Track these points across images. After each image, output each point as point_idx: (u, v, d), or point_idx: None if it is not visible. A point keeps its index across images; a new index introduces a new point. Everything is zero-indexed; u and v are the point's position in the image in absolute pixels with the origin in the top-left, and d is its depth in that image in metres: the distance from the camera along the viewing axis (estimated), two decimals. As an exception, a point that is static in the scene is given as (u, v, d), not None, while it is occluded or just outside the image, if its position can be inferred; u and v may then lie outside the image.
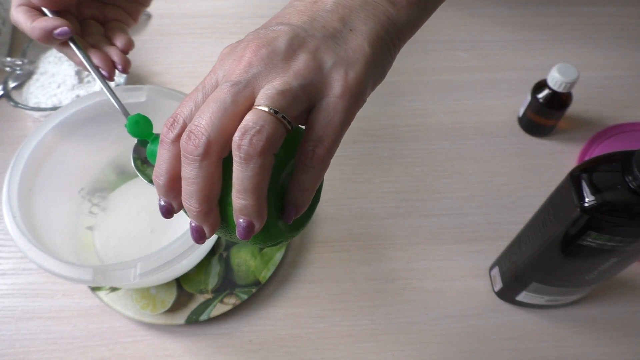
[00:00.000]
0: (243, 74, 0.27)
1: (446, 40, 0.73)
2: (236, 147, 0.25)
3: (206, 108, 0.26)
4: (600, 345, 0.50)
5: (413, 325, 0.51)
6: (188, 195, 0.27)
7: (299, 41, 0.28)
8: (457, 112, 0.66)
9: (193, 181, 0.26)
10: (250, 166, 0.25)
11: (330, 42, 0.28)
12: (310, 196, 0.28)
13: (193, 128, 0.26)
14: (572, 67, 0.56)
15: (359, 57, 0.29)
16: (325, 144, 0.27)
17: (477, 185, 0.60)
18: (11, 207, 0.44)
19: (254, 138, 0.25)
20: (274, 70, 0.27)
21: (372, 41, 0.29)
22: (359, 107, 0.29)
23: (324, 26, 0.29)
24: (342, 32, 0.29)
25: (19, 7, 0.39)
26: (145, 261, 0.41)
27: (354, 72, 0.28)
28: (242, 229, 0.27)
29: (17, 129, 0.64)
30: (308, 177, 0.27)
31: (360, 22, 0.30)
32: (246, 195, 0.26)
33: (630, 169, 0.34)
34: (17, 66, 0.64)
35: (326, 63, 0.28)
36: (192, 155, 0.26)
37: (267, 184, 0.26)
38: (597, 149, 0.62)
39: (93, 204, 0.56)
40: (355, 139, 0.63)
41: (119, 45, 0.42)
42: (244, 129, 0.25)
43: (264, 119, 0.25)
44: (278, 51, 0.27)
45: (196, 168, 0.26)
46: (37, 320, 0.51)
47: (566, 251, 0.40)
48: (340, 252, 0.55)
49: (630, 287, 0.53)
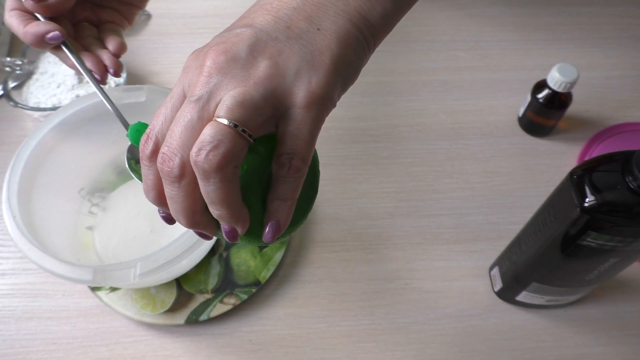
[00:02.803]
0: (205, 86, 0.26)
1: (446, 40, 0.73)
2: (193, 163, 0.25)
3: (175, 127, 0.26)
4: (600, 345, 0.50)
5: (413, 325, 0.51)
6: (175, 212, 0.27)
7: (260, 46, 0.27)
8: (457, 112, 0.66)
9: (176, 200, 0.27)
10: (211, 181, 0.25)
11: (294, 45, 0.27)
12: (292, 206, 0.28)
13: (165, 150, 0.26)
14: (572, 67, 0.56)
15: (325, 59, 0.27)
16: (300, 155, 0.27)
17: (477, 185, 0.60)
18: (11, 207, 0.44)
19: (210, 154, 0.24)
20: (234, 79, 0.26)
21: (341, 41, 0.28)
22: (327, 112, 0.28)
23: (289, 27, 0.27)
24: (309, 33, 0.27)
25: (12, 11, 0.38)
26: (145, 261, 0.41)
27: (318, 78, 0.27)
28: (226, 234, 0.28)
29: (16, 128, 0.64)
30: (288, 188, 0.27)
31: (329, 20, 0.28)
32: (217, 206, 0.26)
33: (630, 169, 0.34)
34: (16, 66, 0.64)
35: (289, 69, 0.26)
36: (169, 177, 0.26)
37: (237, 192, 0.26)
38: (597, 149, 0.62)
39: (93, 204, 0.56)
40: (355, 139, 0.63)
41: (111, 49, 0.42)
42: (200, 144, 0.25)
43: (222, 133, 0.24)
44: (238, 58, 0.26)
45: (176, 189, 0.26)
46: (37, 320, 0.51)
47: (566, 251, 0.40)
48: (340, 252, 0.55)
49: (630, 287, 0.53)
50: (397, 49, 0.72)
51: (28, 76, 0.65)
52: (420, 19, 0.76)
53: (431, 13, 0.77)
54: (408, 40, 0.73)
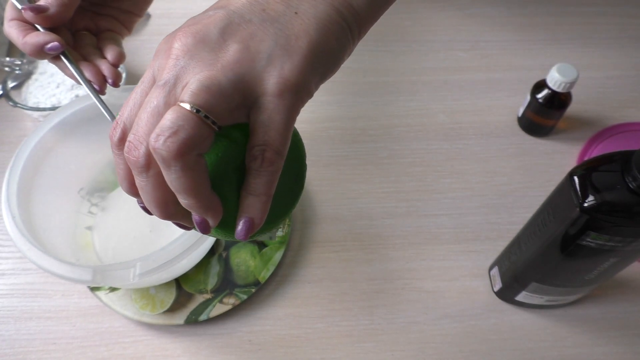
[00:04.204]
0: (172, 69, 0.25)
1: (446, 40, 0.73)
2: (152, 149, 0.23)
3: (142, 113, 0.25)
4: (600, 345, 0.50)
5: (413, 325, 0.51)
6: (147, 203, 0.26)
7: (232, 28, 0.25)
8: (457, 112, 0.66)
9: (146, 191, 0.25)
10: (172, 169, 0.24)
11: (269, 28, 0.25)
12: (267, 203, 0.26)
13: (131, 138, 0.25)
14: (571, 67, 0.56)
15: (302, 44, 0.25)
16: (273, 147, 0.25)
17: (477, 185, 0.60)
18: (10, 207, 0.44)
19: (169, 140, 0.23)
20: (202, 62, 0.24)
21: (320, 25, 0.26)
22: (303, 102, 0.26)
23: (264, 9, 0.26)
24: (285, 16, 0.25)
25: (11, 21, 0.38)
26: (144, 261, 0.41)
27: (292, 64, 0.25)
28: (197, 225, 0.26)
29: (16, 128, 0.64)
30: (260, 182, 0.26)
31: (308, 3, 0.26)
32: (182, 195, 0.24)
33: (629, 169, 0.34)
34: (16, 66, 0.64)
35: (261, 54, 0.25)
36: (137, 167, 0.25)
37: (204, 182, 0.25)
38: (597, 149, 0.62)
39: (92, 204, 0.56)
40: (355, 139, 0.63)
41: (109, 59, 0.41)
42: (159, 129, 0.23)
43: (183, 118, 0.23)
44: (207, 41, 0.25)
45: (145, 179, 0.25)
46: (36, 320, 0.51)
47: (566, 251, 0.40)
48: (340, 252, 0.55)
49: (630, 287, 0.53)
50: (397, 49, 0.72)
51: (27, 76, 0.65)
52: (420, 19, 0.76)
53: (431, 13, 0.77)
54: (408, 40, 0.73)
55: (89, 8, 0.43)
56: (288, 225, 0.55)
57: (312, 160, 0.61)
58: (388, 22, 0.75)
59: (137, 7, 0.44)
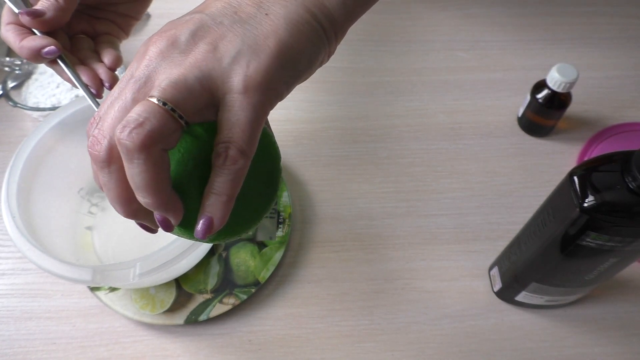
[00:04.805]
0: (144, 69, 0.25)
1: (446, 40, 0.73)
2: (117, 140, 0.23)
3: (110, 109, 0.25)
4: (600, 345, 0.50)
5: (413, 325, 0.51)
6: (111, 201, 0.26)
7: (202, 31, 0.26)
8: (457, 112, 0.66)
9: (108, 187, 0.25)
10: (134, 162, 0.23)
11: (238, 29, 0.26)
12: (229, 203, 0.26)
13: (95, 132, 0.25)
14: (571, 67, 0.56)
15: (270, 44, 0.25)
16: (237, 145, 0.25)
17: (477, 185, 0.60)
18: (10, 207, 0.44)
19: (134, 131, 0.23)
20: (172, 63, 0.25)
21: (290, 26, 0.26)
22: (271, 102, 0.26)
23: (236, 12, 0.26)
24: (256, 17, 0.26)
25: (8, 25, 0.38)
26: (144, 261, 0.41)
27: (258, 62, 0.25)
28: (160, 224, 0.26)
29: (16, 128, 0.64)
30: (223, 180, 0.25)
31: (279, 5, 0.26)
32: (142, 193, 0.24)
33: (629, 169, 0.34)
34: (16, 66, 0.64)
35: (227, 53, 0.25)
36: (98, 162, 0.25)
37: (165, 178, 0.25)
38: (597, 149, 0.62)
39: (92, 204, 0.56)
40: (355, 139, 0.63)
41: (106, 62, 0.41)
42: (125, 121, 0.23)
43: (150, 111, 0.23)
44: (178, 43, 0.26)
45: (107, 174, 0.25)
46: (36, 320, 0.51)
47: (565, 251, 0.40)
48: (339, 252, 0.55)
49: (630, 287, 0.53)
50: (397, 49, 0.72)
51: (27, 76, 0.65)
52: (420, 19, 0.76)
53: (431, 13, 0.77)
54: (408, 40, 0.73)
55: (86, 11, 0.42)
56: (288, 225, 0.55)
57: (312, 160, 0.61)
58: (388, 22, 0.75)
59: (135, 10, 0.44)
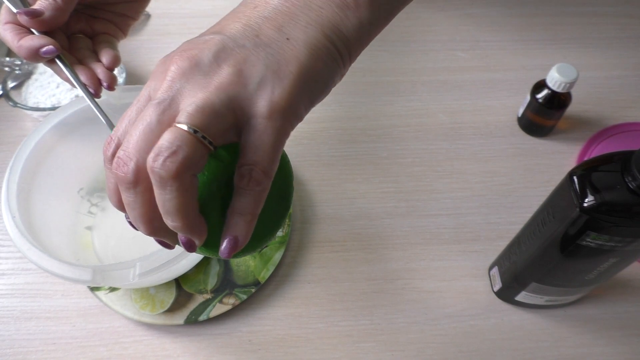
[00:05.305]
0: (167, 90, 0.25)
1: (445, 40, 0.73)
2: (149, 169, 0.24)
3: (134, 130, 0.25)
4: (600, 345, 0.50)
5: (413, 325, 0.51)
6: (133, 220, 0.26)
7: (225, 53, 0.26)
8: (457, 112, 0.66)
9: (132, 207, 0.26)
10: (167, 189, 0.24)
11: (261, 53, 0.26)
12: (252, 222, 0.27)
13: (121, 154, 0.25)
14: (571, 67, 0.56)
15: (292, 69, 0.26)
16: (261, 167, 0.26)
17: (477, 185, 0.60)
18: (10, 207, 0.44)
19: (168, 160, 0.23)
20: (196, 85, 0.25)
21: (310, 51, 0.27)
22: (292, 125, 0.27)
23: (257, 35, 0.27)
24: (278, 42, 0.27)
25: (6, 24, 0.38)
26: (144, 261, 0.41)
27: (282, 88, 0.26)
28: (183, 245, 0.26)
29: (16, 128, 0.64)
30: (247, 201, 0.26)
31: (299, 30, 0.27)
32: (172, 217, 0.25)
33: (629, 169, 0.34)
34: (16, 66, 0.64)
35: (252, 78, 0.26)
36: (124, 183, 0.25)
37: (194, 203, 0.25)
38: (597, 149, 0.62)
39: (92, 204, 0.56)
40: (355, 139, 0.63)
41: (105, 62, 0.41)
42: (157, 149, 0.24)
43: (181, 139, 0.24)
44: (201, 65, 0.26)
45: (132, 195, 0.25)
46: (36, 320, 0.51)
47: (565, 251, 0.40)
48: (340, 252, 0.55)
49: (630, 287, 0.53)
50: (397, 49, 0.72)
51: (27, 76, 0.65)
52: (420, 19, 0.76)
53: (431, 13, 0.77)
54: (408, 40, 0.73)
55: (84, 11, 0.43)
56: (288, 226, 0.55)
57: (312, 160, 0.61)
58: (388, 22, 0.75)
59: (132, 10, 0.44)
